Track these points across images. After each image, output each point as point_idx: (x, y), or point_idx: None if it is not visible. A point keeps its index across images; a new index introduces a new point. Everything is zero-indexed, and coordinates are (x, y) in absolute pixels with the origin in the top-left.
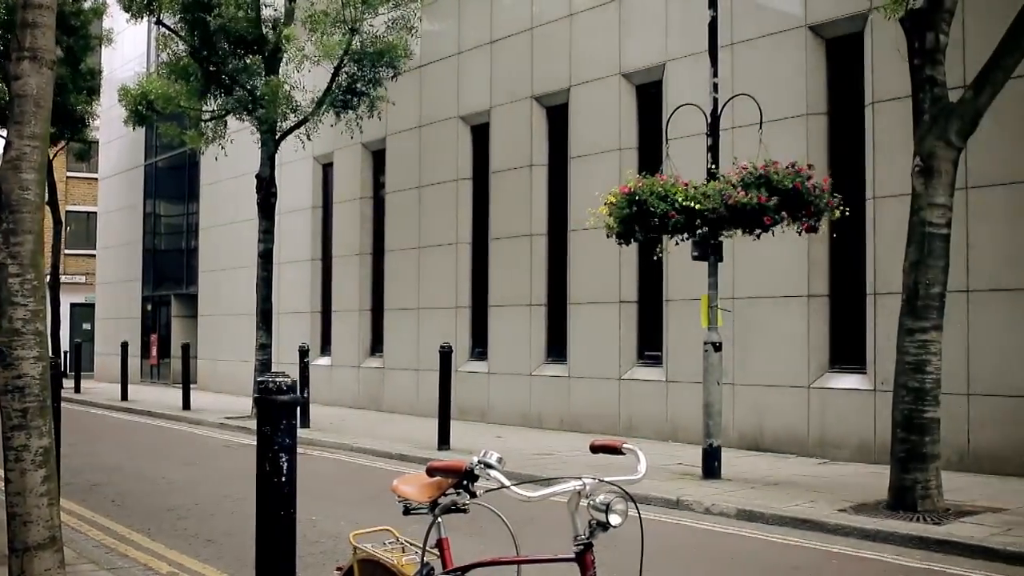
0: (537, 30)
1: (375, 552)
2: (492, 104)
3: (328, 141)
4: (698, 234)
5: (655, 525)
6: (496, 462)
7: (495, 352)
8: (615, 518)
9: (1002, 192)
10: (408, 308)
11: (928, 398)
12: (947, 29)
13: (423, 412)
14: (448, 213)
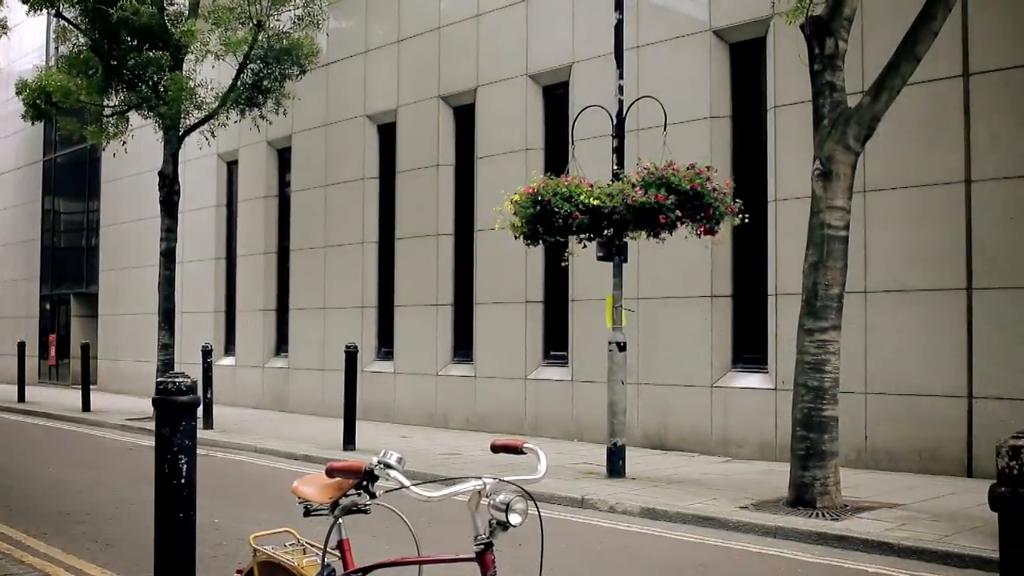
0: (444, 29)
1: (275, 554)
2: (399, 103)
3: (233, 138)
4: (603, 235)
5: (560, 524)
6: (396, 462)
7: (401, 352)
8: (515, 517)
9: (899, 195)
10: (313, 308)
11: (827, 397)
12: (846, 36)
13: (329, 412)
14: (354, 212)
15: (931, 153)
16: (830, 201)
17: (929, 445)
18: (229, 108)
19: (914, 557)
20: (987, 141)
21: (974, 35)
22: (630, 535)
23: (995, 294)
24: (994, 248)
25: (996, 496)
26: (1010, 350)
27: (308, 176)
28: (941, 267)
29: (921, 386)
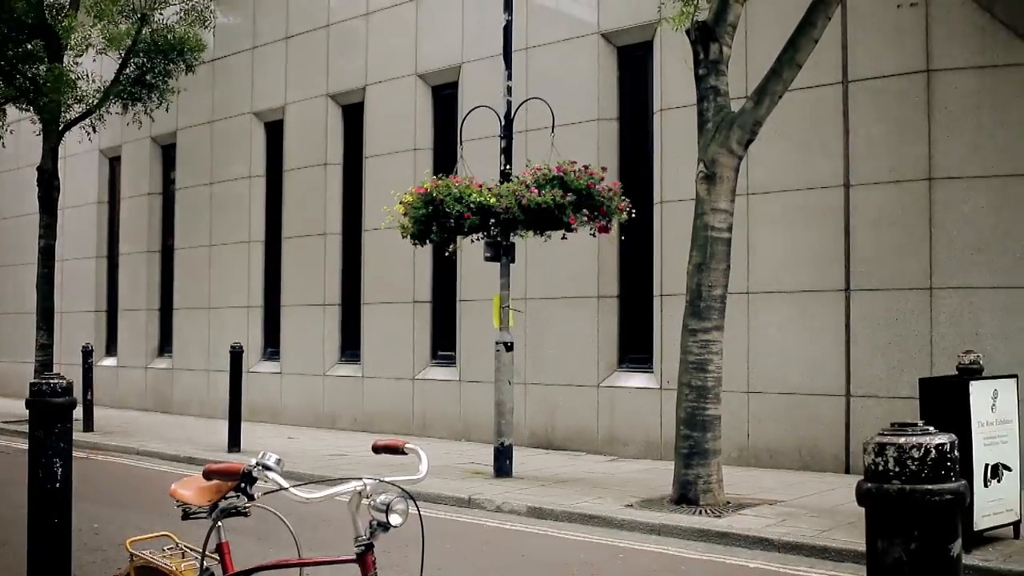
0: (334, 27)
1: (153, 558)
2: (287, 101)
3: (115, 134)
4: (490, 235)
5: (447, 524)
6: (275, 464)
7: (288, 352)
8: (395, 518)
9: (781, 198)
10: (199, 307)
11: (710, 396)
12: (730, 42)
13: (214, 414)
14: (240, 211)
15: (812, 158)
16: (714, 203)
17: (809, 443)
18: (111, 102)
19: (793, 552)
20: (865, 147)
21: (853, 44)
22: (517, 534)
23: (871, 295)
24: (870, 251)
25: (863, 492)
26: (885, 350)
27: (193, 173)
28: (821, 269)
29: (801, 385)
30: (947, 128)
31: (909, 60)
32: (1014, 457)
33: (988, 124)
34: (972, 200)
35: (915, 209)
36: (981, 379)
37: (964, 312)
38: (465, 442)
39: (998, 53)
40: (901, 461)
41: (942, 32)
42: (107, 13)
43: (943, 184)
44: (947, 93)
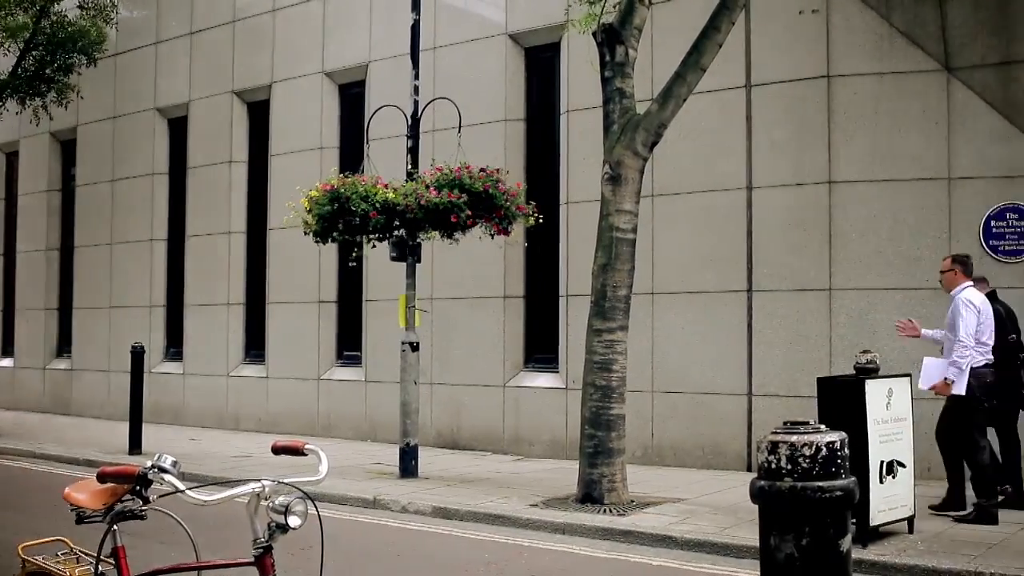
0: (239, 23)
1: (46, 564)
2: (191, 97)
3: (12, 129)
4: (396, 235)
5: (351, 525)
6: (171, 466)
7: (191, 352)
8: (294, 520)
9: (685, 200)
10: (99, 307)
11: (614, 395)
12: (636, 44)
13: (115, 415)
14: (143, 208)
15: (716, 160)
16: (619, 205)
17: (712, 441)
18: (7, 97)
19: (695, 549)
20: (767, 150)
21: (756, 49)
22: (422, 535)
23: (773, 296)
24: (772, 252)
25: (756, 489)
26: (786, 350)
27: (94, 170)
28: (724, 270)
29: (705, 384)
30: (846, 133)
31: (810, 66)
32: (908, 454)
33: (885, 129)
34: (870, 203)
35: (815, 212)
36: (877, 378)
37: (862, 312)
38: (371, 443)
39: (896, 60)
40: (793, 459)
41: (842, 39)
42: (5, 5)
43: (842, 187)
44: (847, 98)
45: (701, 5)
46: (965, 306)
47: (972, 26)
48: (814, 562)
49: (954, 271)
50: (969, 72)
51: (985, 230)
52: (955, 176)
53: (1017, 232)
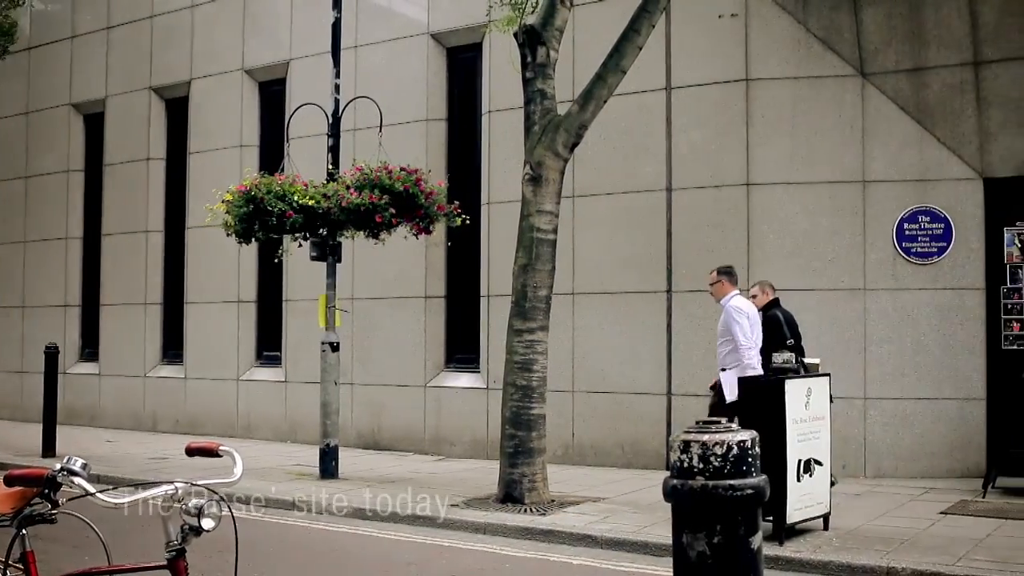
0: (158, 19)
1: None
2: (108, 93)
3: None
4: (317, 234)
5: (270, 527)
6: (81, 468)
7: (107, 353)
8: (208, 522)
9: (606, 201)
10: (11, 306)
11: (535, 395)
12: (557, 46)
13: (29, 417)
14: (57, 206)
15: (636, 162)
16: (539, 205)
17: (632, 440)
18: None
19: (615, 548)
20: (687, 152)
21: (676, 52)
22: (341, 536)
23: (692, 296)
24: (691, 253)
25: (669, 488)
26: (706, 349)
27: (6, 166)
28: (644, 270)
29: (625, 384)
30: (764, 135)
31: (729, 69)
32: (825, 453)
33: (802, 132)
34: (787, 205)
35: (734, 213)
36: (797, 378)
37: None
38: (291, 443)
39: (812, 65)
40: (705, 458)
41: (760, 43)
42: None
43: (760, 189)
44: (765, 102)
45: (622, 8)
46: (736, 313)
47: (886, 32)
48: (726, 560)
49: (721, 282)
50: (883, 77)
51: (898, 232)
52: (869, 179)
53: (929, 235)
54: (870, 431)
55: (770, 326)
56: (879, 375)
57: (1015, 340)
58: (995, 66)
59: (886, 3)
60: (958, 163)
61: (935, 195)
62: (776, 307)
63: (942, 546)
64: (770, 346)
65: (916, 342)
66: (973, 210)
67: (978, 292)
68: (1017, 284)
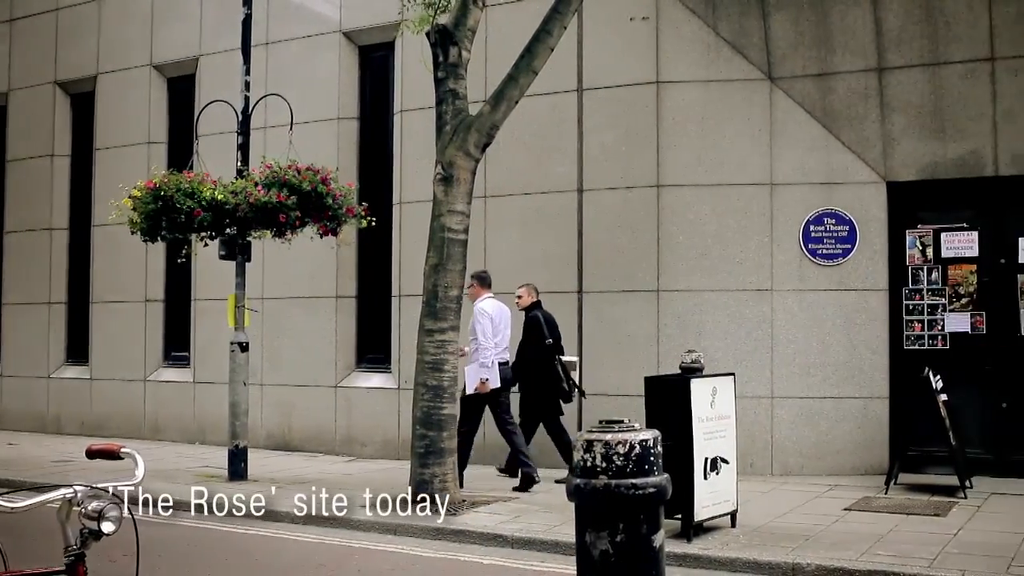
0: (63, 12)
1: None
2: (10, 87)
3: None
4: (226, 233)
5: (177, 530)
6: None
7: (8, 354)
8: (107, 525)
9: (518, 201)
10: None
11: (445, 395)
12: (469, 46)
13: None
14: None
15: (548, 162)
16: (450, 205)
17: (545, 440)
18: None
19: (526, 547)
20: (598, 153)
21: (588, 54)
22: (251, 538)
23: (602, 297)
24: (602, 254)
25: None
26: (616, 349)
27: None
28: (555, 271)
29: None
30: (674, 138)
31: (640, 72)
32: (731, 450)
33: (712, 135)
34: (696, 207)
35: (644, 214)
36: (702, 377)
37: (688, 313)
38: (199, 445)
39: (721, 68)
40: (608, 457)
41: (671, 47)
42: None
43: (670, 191)
44: (675, 104)
45: (535, 9)
46: (481, 314)
47: (793, 38)
48: (628, 558)
49: (474, 286)
50: (791, 82)
51: (805, 234)
52: (777, 182)
53: (835, 237)
54: (777, 429)
55: (531, 326)
56: (786, 374)
57: (916, 340)
58: (898, 72)
59: (794, 9)
60: (863, 167)
61: (840, 198)
62: (537, 308)
63: (846, 542)
64: (529, 344)
65: (822, 342)
66: (877, 213)
67: (881, 293)
68: (918, 285)
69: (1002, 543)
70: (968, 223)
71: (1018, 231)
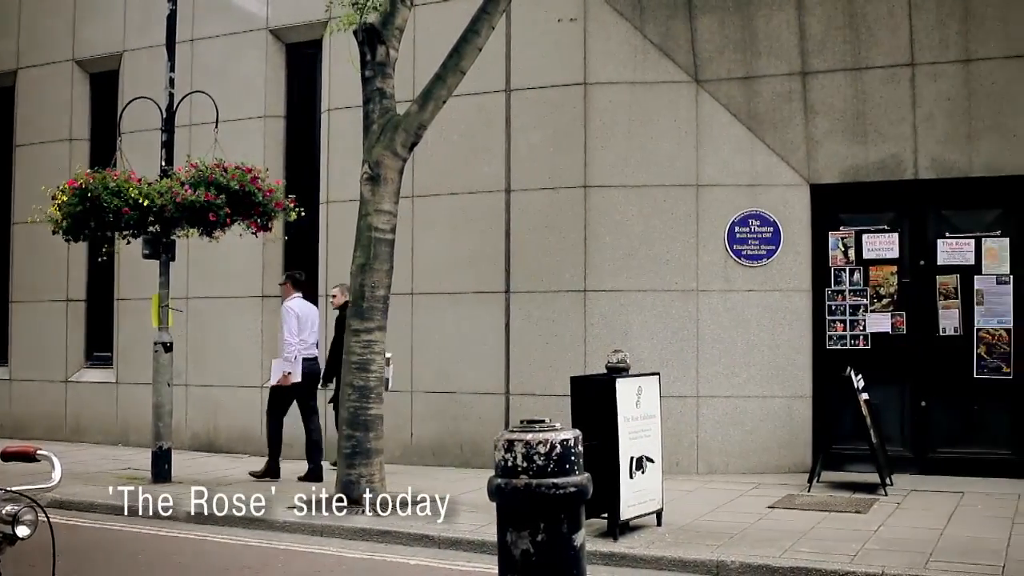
0: None
1: None
2: None
3: None
4: (150, 232)
5: (99, 534)
6: None
7: None
8: (23, 530)
9: (445, 201)
10: None
11: (372, 396)
12: (397, 45)
13: None
14: None
15: (475, 162)
16: (378, 205)
17: (471, 440)
18: None
19: (453, 548)
20: (525, 153)
21: (516, 54)
22: (175, 541)
23: (530, 297)
24: (530, 254)
25: (493, 487)
26: (543, 350)
27: None
28: (482, 271)
29: (464, 384)
30: (601, 139)
31: (568, 73)
32: (656, 450)
33: (638, 136)
34: (623, 207)
35: (571, 215)
36: (627, 377)
37: (615, 313)
38: (123, 447)
39: (648, 70)
40: (528, 456)
41: (599, 48)
42: None
43: (597, 191)
44: (602, 105)
45: (463, 9)
46: (287, 312)
47: (719, 41)
48: (549, 557)
49: (286, 285)
50: (716, 84)
51: (730, 235)
52: (703, 183)
53: (759, 238)
54: (702, 429)
55: (342, 323)
56: (711, 374)
57: (839, 340)
58: (821, 76)
59: (720, 13)
60: (787, 169)
61: (765, 200)
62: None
63: (770, 539)
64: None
65: (747, 342)
66: (800, 214)
67: (804, 294)
68: (841, 286)
69: (921, 539)
70: (889, 225)
71: (937, 233)
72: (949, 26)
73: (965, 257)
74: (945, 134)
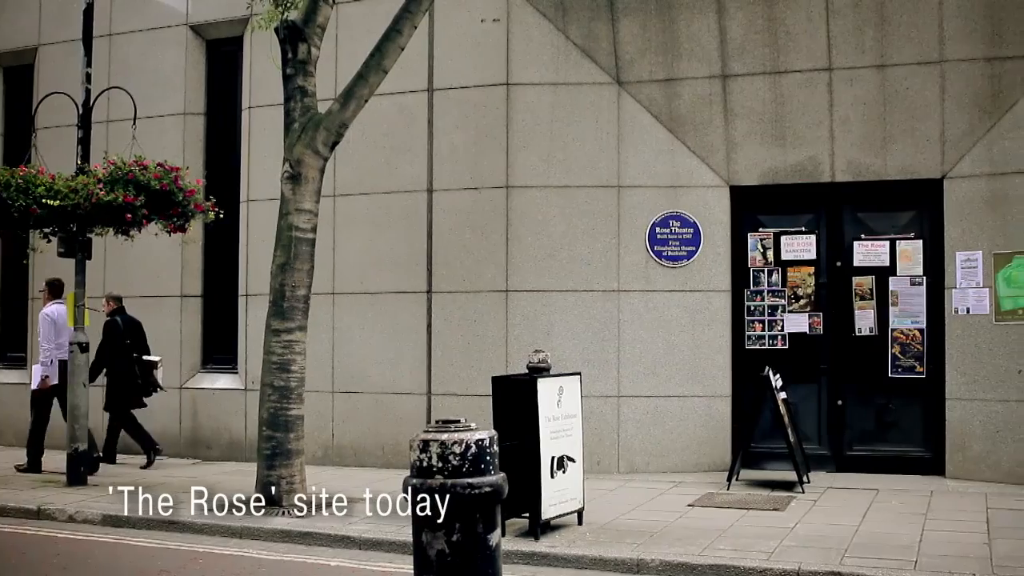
0: None
1: None
2: None
3: None
4: (65, 230)
5: (12, 538)
6: None
7: None
8: None
9: (367, 201)
10: None
11: (293, 396)
12: (319, 43)
13: None
14: None
15: (398, 162)
16: (298, 204)
17: (393, 440)
18: None
19: (374, 549)
20: (448, 153)
21: (439, 54)
22: (91, 544)
23: (452, 297)
24: (452, 254)
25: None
26: (465, 350)
27: None
28: (404, 271)
29: (385, 384)
30: (523, 139)
31: (491, 73)
32: (577, 449)
33: (560, 137)
34: (545, 208)
35: (493, 215)
36: (548, 376)
37: (537, 313)
38: None
39: (570, 72)
40: (444, 456)
41: (521, 49)
42: None
43: (519, 192)
44: (524, 106)
45: (387, 7)
46: (43, 319)
47: (641, 43)
48: (464, 557)
49: (46, 291)
50: (638, 87)
51: (651, 236)
52: (624, 184)
53: (679, 239)
54: (623, 428)
55: (109, 330)
56: (632, 374)
57: (757, 340)
58: (741, 79)
59: (641, 15)
60: (707, 171)
61: (686, 201)
62: (118, 315)
63: (689, 537)
64: (106, 346)
65: (667, 342)
66: (720, 216)
67: (724, 294)
68: (759, 287)
69: (837, 535)
70: (807, 227)
71: (853, 235)
72: (865, 32)
73: (880, 259)
74: (861, 137)
